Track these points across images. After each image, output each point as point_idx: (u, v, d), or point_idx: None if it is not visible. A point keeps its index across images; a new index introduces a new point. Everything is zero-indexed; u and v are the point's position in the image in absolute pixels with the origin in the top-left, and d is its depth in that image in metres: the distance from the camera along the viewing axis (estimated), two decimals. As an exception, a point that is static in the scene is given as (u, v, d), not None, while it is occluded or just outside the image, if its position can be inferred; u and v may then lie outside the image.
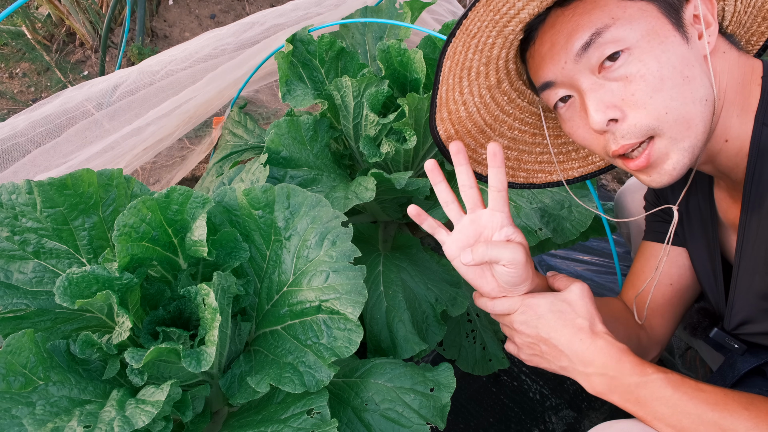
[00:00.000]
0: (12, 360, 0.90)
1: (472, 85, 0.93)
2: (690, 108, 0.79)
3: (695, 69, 0.79)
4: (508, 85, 0.97)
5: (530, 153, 1.09)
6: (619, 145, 0.82)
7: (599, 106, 0.80)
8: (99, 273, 0.93)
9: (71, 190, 1.03)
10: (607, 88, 0.80)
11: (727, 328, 0.96)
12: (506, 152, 1.07)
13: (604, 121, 0.80)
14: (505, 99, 0.99)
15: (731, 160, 0.87)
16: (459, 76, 0.90)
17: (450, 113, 0.96)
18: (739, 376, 0.97)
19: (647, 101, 0.78)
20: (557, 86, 0.86)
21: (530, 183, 1.12)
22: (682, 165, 0.82)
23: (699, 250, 1.04)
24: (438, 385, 1.09)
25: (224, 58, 1.72)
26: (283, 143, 1.40)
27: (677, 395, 0.77)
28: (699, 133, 0.80)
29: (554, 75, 0.85)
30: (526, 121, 1.04)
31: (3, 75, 2.79)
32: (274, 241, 1.10)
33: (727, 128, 0.85)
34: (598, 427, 0.87)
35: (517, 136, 1.06)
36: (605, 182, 2.53)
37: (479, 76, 0.92)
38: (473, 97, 0.95)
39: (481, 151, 1.06)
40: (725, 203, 0.98)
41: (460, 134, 1.01)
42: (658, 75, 0.77)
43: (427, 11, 2.22)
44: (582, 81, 0.82)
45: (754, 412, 0.74)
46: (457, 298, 1.42)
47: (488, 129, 1.02)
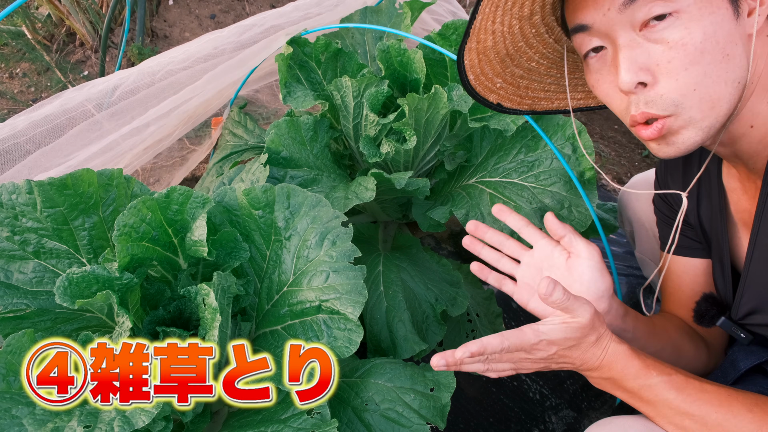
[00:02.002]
0: (12, 360, 0.90)
1: (505, 14, 0.89)
2: (721, 88, 0.76)
3: (737, 47, 0.76)
4: (540, 18, 0.93)
5: (540, 82, 1.06)
6: (640, 111, 0.80)
7: (632, 66, 0.77)
8: (99, 273, 0.94)
9: (71, 190, 1.03)
10: (645, 49, 0.76)
11: (734, 317, 0.96)
12: (519, 80, 1.04)
13: (633, 83, 0.77)
14: (532, 32, 0.95)
15: (753, 147, 0.85)
16: (496, 4, 0.86)
17: (479, 42, 0.93)
18: (739, 374, 0.97)
19: (681, 72, 0.75)
20: (592, 33, 0.82)
21: (532, 110, 1.09)
22: (693, 142, 0.80)
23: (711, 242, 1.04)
24: (438, 385, 1.09)
25: (224, 58, 1.72)
26: (283, 143, 1.40)
27: (681, 397, 0.77)
28: (721, 115, 0.78)
29: (593, 20, 0.80)
30: (546, 55, 1.01)
31: (3, 75, 2.79)
32: (274, 241, 1.10)
33: (755, 114, 0.82)
34: (599, 422, 0.87)
35: (534, 68, 1.03)
36: (605, 182, 2.53)
37: (514, 5, 0.87)
38: (503, 26, 0.91)
39: (496, 80, 1.02)
40: (736, 194, 0.97)
41: (482, 63, 0.98)
42: (701, 47, 0.74)
43: (427, 11, 2.22)
44: (620, 34, 0.78)
45: (758, 414, 0.74)
46: (457, 298, 1.42)
47: (508, 59, 0.99)
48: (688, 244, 1.09)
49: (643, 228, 1.48)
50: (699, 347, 1.07)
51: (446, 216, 1.45)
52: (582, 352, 0.81)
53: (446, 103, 1.34)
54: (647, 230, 1.47)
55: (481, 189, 1.47)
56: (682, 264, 1.11)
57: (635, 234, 1.53)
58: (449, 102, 1.36)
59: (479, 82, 1.02)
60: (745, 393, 0.77)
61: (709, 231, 1.04)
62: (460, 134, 1.54)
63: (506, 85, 1.04)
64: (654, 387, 0.79)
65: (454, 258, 2.07)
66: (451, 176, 1.64)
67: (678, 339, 1.05)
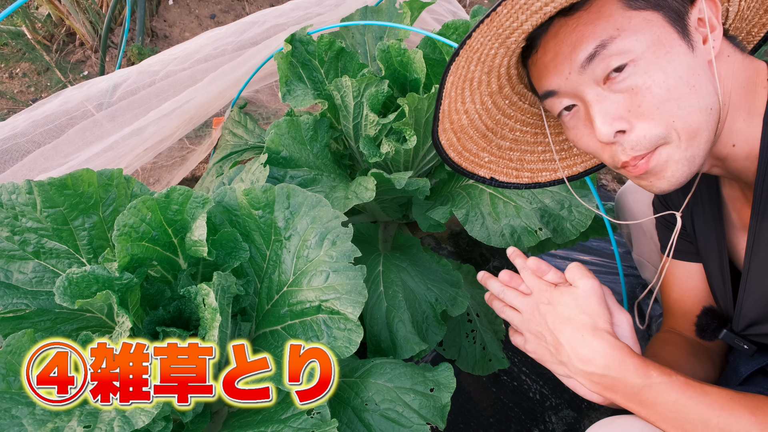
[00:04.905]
0: (12, 360, 0.90)
1: (474, 94, 0.93)
2: (697, 117, 0.78)
3: (701, 77, 0.78)
4: (510, 89, 0.97)
5: (533, 152, 1.08)
6: (629, 156, 0.81)
7: (606, 119, 0.79)
8: (99, 273, 0.93)
9: (71, 190, 1.03)
10: (613, 100, 0.79)
11: (735, 329, 0.96)
12: (508, 153, 1.07)
13: (611, 133, 0.79)
14: (506, 103, 0.99)
15: (741, 164, 0.86)
16: (461, 87, 0.90)
17: (452, 123, 0.96)
18: (741, 379, 0.97)
19: (654, 112, 0.77)
20: (561, 95, 0.85)
21: (535, 182, 1.11)
22: (682, 174, 0.82)
23: (707, 252, 1.04)
24: (438, 385, 1.09)
25: (225, 58, 1.72)
26: (283, 143, 1.40)
27: (682, 400, 0.76)
28: (703, 143, 0.80)
29: (558, 85, 0.84)
30: (527, 122, 1.04)
31: (3, 75, 2.79)
32: (274, 241, 1.10)
33: (734, 132, 0.84)
34: (599, 422, 0.87)
35: (519, 137, 1.06)
36: (605, 182, 2.53)
37: (481, 84, 0.91)
38: (475, 105, 0.95)
39: (483, 155, 1.05)
40: (739, 203, 0.97)
41: (462, 141, 1.00)
42: (665, 86, 0.76)
43: (426, 11, 2.22)
44: (587, 92, 0.81)
45: (761, 417, 0.73)
46: (457, 298, 1.42)
47: (490, 133, 1.02)
48: (691, 249, 1.09)
49: (641, 230, 1.48)
50: (705, 363, 1.06)
51: (446, 216, 1.45)
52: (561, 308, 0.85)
53: (446, 103, 1.34)
54: (645, 232, 1.47)
55: (481, 189, 1.47)
56: (686, 269, 1.10)
57: (632, 236, 1.53)
58: (449, 102, 1.36)
59: (464, 158, 1.04)
60: (747, 395, 0.76)
61: (702, 242, 1.04)
62: (460, 134, 1.54)
63: (496, 158, 1.06)
64: (654, 387, 0.77)
65: (454, 258, 2.07)
66: (451, 176, 1.64)
67: (686, 363, 1.04)
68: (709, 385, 0.78)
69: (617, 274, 1.95)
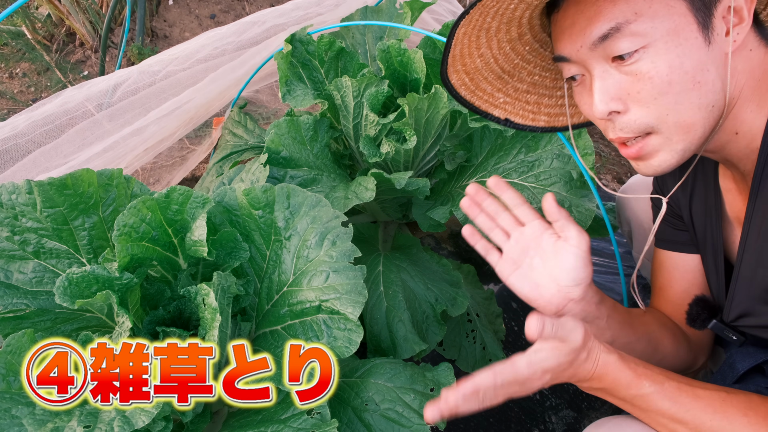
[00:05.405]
0: (12, 360, 0.90)
1: (490, 40, 0.92)
2: (693, 113, 0.78)
3: (709, 74, 0.77)
4: (531, 37, 0.95)
5: (551, 96, 1.07)
6: (617, 135, 0.84)
7: (603, 97, 0.81)
8: (99, 273, 0.93)
9: (71, 190, 1.03)
10: (616, 80, 0.80)
11: (726, 319, 0.96)
12: (525, 96, 1.06)
13: (605, 112, 0.81)
14: (526, 49, 0.98)
15: (740, 152, 0.86)
16: (476, 36, 0.89)
17: (465, 65, 0.96)
18: (738, 376, 0.97)
19: (650, 102, 0.78)
20: (570, 63, 0.87)
21: (551, 126, 1.11)
22: (669, 164, 0.83)
23: (703, 243, 1.04)
24: (438, 385, 1.09)
25: (225, 58, 1.72)
26: (283, 143, 1.40)
27: (675, 407, 0.77)
28: (696, 138, 0.81)
29: (569, 53, 0.85)
30: (547, 67, 1.02)
31: (3, 75, 2.79)
32: (274, 241, 1.10)
33: (739, 122, 0.84)
34: (598, 422, 0.87)
35: (537, 81, 1.04)
36: (605, 182, 2.53)
37: (499, 32, 0.90)
38: (491, 50, 0.94)
39: (498, 95, 1.04)
40: (731, 195, 0.97)
41: (476, 80, 1.00)
42: (667, 79, 0.76)
43: (427, 11, 2.22)
44: (594, 66, 0.82)
45: (753, 418, 0.74)
46: (457, 298, 1.42)
47: (506, 75, 1.01)
48: (681, 239, 1.09)
49: (642, 228, 1.48)
50: (679, 344, 1.06)
51: (446, 216, 1.45)
52: (574, 369, 0.79)
53: (446, 103, 1.34)
54: (645, 231, 1.47)
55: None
56: (674, 259, 1.11)
57: (633, 234, 1.53)
58: (449, 102, 1.36)
59: (477, 97, 1.03)
60: (740, 395, 0.77)
61: (700, 230, 1.04)
62: (460, 134, 1.54)
63: (512, 100, 1.05)
64: (646, 397, 0.78)
65: (454, 258, 2.07)
66: (451, 176, 1.64)
67: (656, 333, 1.04)
68: (701, 387, 0.78)
69: (617, 274, 1.95)
